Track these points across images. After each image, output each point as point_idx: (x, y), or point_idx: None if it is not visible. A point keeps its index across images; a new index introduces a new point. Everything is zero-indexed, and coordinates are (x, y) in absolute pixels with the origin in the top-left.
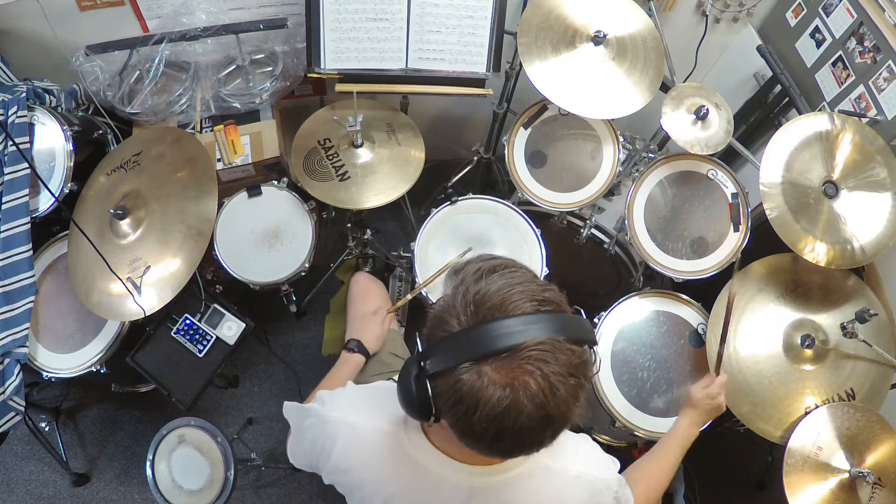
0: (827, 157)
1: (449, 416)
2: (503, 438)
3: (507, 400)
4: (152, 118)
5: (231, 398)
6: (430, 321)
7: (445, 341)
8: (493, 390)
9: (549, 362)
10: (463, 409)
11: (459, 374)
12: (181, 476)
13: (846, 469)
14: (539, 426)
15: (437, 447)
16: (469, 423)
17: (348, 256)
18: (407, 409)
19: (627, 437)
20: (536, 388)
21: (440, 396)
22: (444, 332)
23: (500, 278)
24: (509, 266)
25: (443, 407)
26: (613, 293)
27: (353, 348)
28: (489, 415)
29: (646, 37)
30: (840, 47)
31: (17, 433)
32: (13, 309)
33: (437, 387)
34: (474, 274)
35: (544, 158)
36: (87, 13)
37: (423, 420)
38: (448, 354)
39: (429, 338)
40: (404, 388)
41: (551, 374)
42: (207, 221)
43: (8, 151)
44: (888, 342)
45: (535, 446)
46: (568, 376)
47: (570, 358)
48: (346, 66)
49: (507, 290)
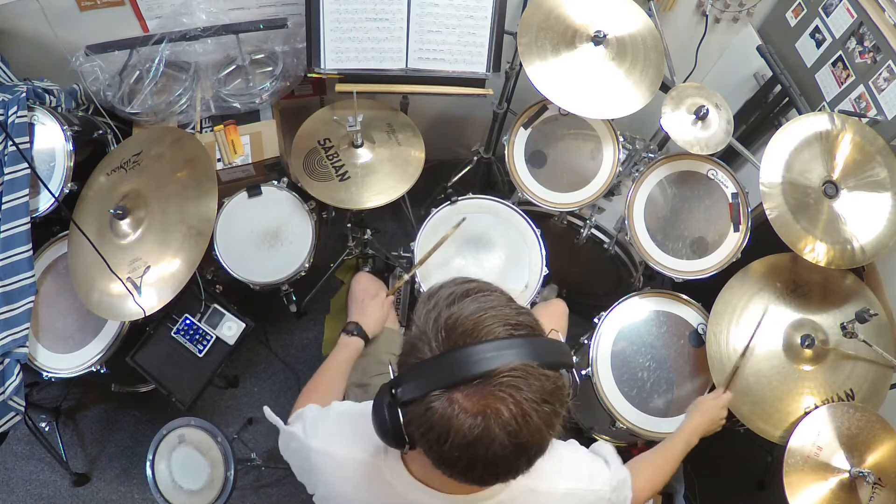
0: (827, 157)
1: (422, 443)
2: (476, 467)
3: (478, 428)
4: (152, 118)
5: (231, 398)
6: (403, 347)
7: (417, 368)
8: (464, 418)
9: (521, 389)
10: (434, 437)
11: (430, 401)
12: (181, 476)
13: (846, 469)
14: (512, 454)
15: (416, 477)
16: (441, 452)
17: (348, 256)
18: (381, 437)
19: (627, 437)
20: (509, 416)
21: (411, 424)
22: (416, 359)
23: (472, 302)
24: (483, 290)
25: (414, 434)
26: (613, 293)
27: (351, 331)
28: (461, 443)
29: (646, 37)
30: (840, 47)
31: (17, 433)
32: (13, 309)
33: (408, 414)
34: (447, 298)
35: (544, 158)
36: (87, 13)
37: (397, 448)
38: (419, 381)
39: (401, 364)
40: (378, 415)
41: (524, 400)
42: (207, 221)
43: (8, 151)
44: (888, 342)
45: (510, 474)
46: (542, 403)
47: (544, 384)
48: (346, 66)
49: (479, 315)
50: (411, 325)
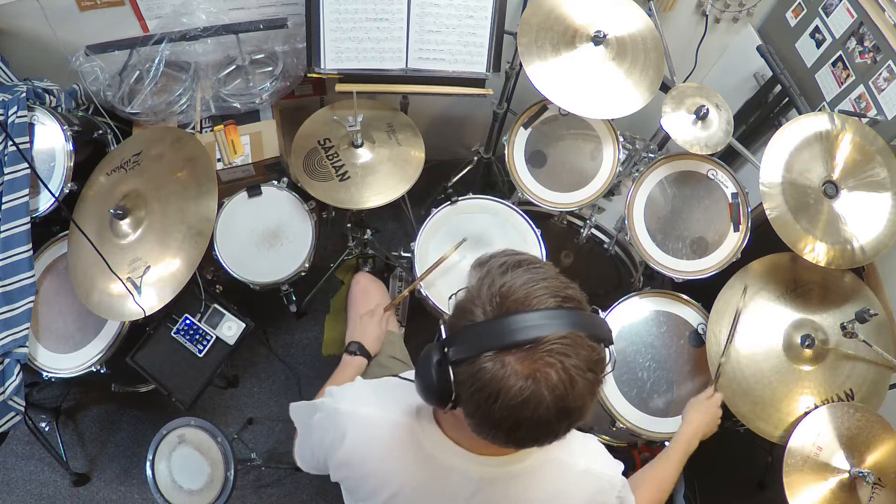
0: (827, 157)
1: (469, 403)
2: (521, 428)
3: (527, 391)
4: (152, 118)
5: (231, 398)
6: (454, 310)
7: (469, 330)
8: (514, 380)
9: (569, 356)
10: (484, 397)
11: (482, 362)
12: (181, 476)
13: (846, 469)
14: (556, 418)
15: (450, 438)
16: (489, 412)
17: (348, 256)
18: (425, 395)
19: (627, 437)
20: (557, 380)
21: (462, 384)
22: (468, 321)
23: (524, 273)
24: (534, 262)
25: (463, 394)
26: (613, 293)
27: (354, 351)
28: (509, 404)
29: (646, 37)
30: (840, 47)
31: (17, 433)
32: (13, 309)
33: (459, 374)
34: (500, 267)
35: (544, 158)
36: (87, 13)
37: (440, 406)
38: (472, 343)
39: (452, 326)
40: (424, 374)
41: (572, 367)
42: (207, 221)
43: (8, 151)
44: (888, 342)
45: (550, 437)
46: (586, 371)
47: (590, 354)
48: (346, 66)
49: (531, 285)
50: (460, 291)
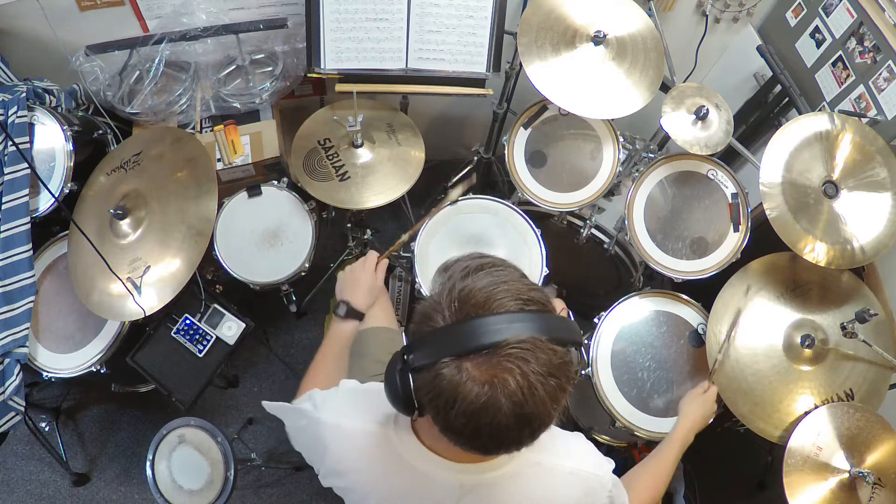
0: (827, 157)
1: (430, 409)
2: (481, 435)
3: (484, 397)
4: (152, 118)
5: (231, 398)
6: (417, 316)
7: (429, 336)
8: (471, 386)
9: (529, 361)
10: (442, 403)
11: (440, 368)
12: (181, 476)
13: (846, 469)
14: (516, 425)
15: (426, 446)
16: (448, 418)
17: (348, 256)
18: (392, 402)
19: (627, 437)
20: (515, 387)
21: (421, 390)
22: (429, 328)
23: (486, 276)
24: (497, 265)
25: (423, 400)
26: (613, 293)
27: (340, 314)
28: (467, 410)
29: (646, 37)
30: (840, 47)
31: (17, 433)
32: (13, 309)
33: (418, 380)
34: (462, 271)
35: (544, 158)
36: (87, 13)
37: (407, 413)
38: (430, 349)
39: (414, 333)
40: (390, 381)
41: (531, 373)
42: (207, 221)
43: (8, 151)
44: (888, 342)
45: (513, 445)
46: (548, 376)
47: (552, 358)
48: (346, 66)
49: (492, 288)
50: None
